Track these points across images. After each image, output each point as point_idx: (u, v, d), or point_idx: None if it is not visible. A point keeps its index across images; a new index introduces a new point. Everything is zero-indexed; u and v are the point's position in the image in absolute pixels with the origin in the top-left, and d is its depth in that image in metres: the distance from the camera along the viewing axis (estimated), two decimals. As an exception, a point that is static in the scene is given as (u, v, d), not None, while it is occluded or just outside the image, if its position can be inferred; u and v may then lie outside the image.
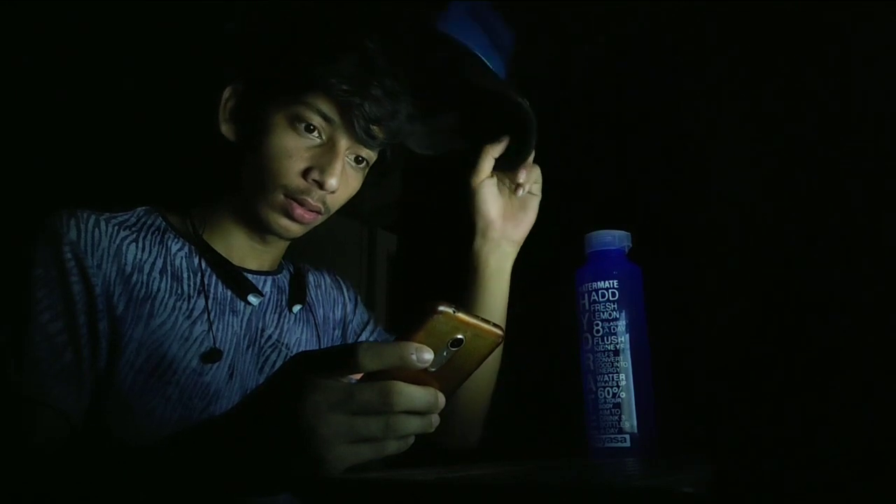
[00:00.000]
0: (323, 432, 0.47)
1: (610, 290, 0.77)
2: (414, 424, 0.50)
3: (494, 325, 0.50)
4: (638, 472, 0.54)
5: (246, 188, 0.84)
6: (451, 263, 1.68)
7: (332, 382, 0.48)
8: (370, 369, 0.48)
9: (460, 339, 0.49)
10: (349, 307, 1.03)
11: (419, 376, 0.49)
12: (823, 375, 0.32)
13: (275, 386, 0.52)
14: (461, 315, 0.48)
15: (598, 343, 0.77)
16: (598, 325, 0.77)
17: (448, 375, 0.51)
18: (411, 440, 0.52)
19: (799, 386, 0.32)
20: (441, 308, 0.47)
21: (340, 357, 0.49)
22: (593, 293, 0.78)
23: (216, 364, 0.80)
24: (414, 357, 0.48)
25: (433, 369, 0.49)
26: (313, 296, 1.00)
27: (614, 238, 0.81)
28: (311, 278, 1.00)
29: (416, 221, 1.83)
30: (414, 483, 0.57)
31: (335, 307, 1.02)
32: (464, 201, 0.95)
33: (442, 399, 0.51)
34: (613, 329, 0.76)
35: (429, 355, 0.48)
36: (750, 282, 0.76)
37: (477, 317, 0.49)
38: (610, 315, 0.77)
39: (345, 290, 1.05)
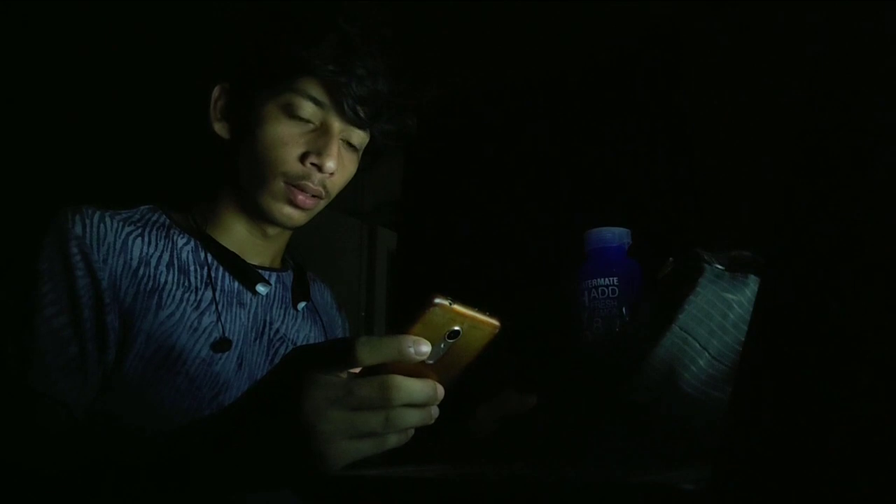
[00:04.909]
0: (323, 429, 0.47)
1: (610, 287, 0.77)
2: (414, 417, 0.50)
3: (491, 315, 0.50)
4: (638, 468, 0.54)
5: (245, 181, 0.85)
6: (450, 261, 1.69)
7: (331, 378, 0.48)
8: (368, 363, 0.48)
9: (457, 330, 0.49)
10: (340, 333, 1.04)
11: (417, 369, 0.49)
12: (823, 373, 0.32)
13: (274, 382, 0.52)
14: (457, 307, 0.48)
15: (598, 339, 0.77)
16: (598, 321, 0.77)
17: (446, 367, 0.51)
18: (411, 432, 0.52)
19: (798, 384, 0.32)
20: (437, 300, 0.47)
21: (338, 352, 0.48)
22: (594, 290, 0.78)
23: (226, 354, 0.81)
24: (412, 350, 0.48)
25: (431, 361, 0.49)
26: (318, 302, 1.00)
27: (614, 235, 0.81)
28: (314, 286, 1.01)
29: (416, 219, 1.83)
30: (414, 480, 0.57)
31: (334, 326, 1.03)
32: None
33: (441, 391, 0.51)
34: (613, 325, 0.76)
35: (426, 348, 0.48)
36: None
37: (473, 308, 0.49)
38: (610, 311, 0.77)
39: (340, 317, 1.06)
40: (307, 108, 0.82)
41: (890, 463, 0.29)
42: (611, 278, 0.78)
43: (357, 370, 0.49)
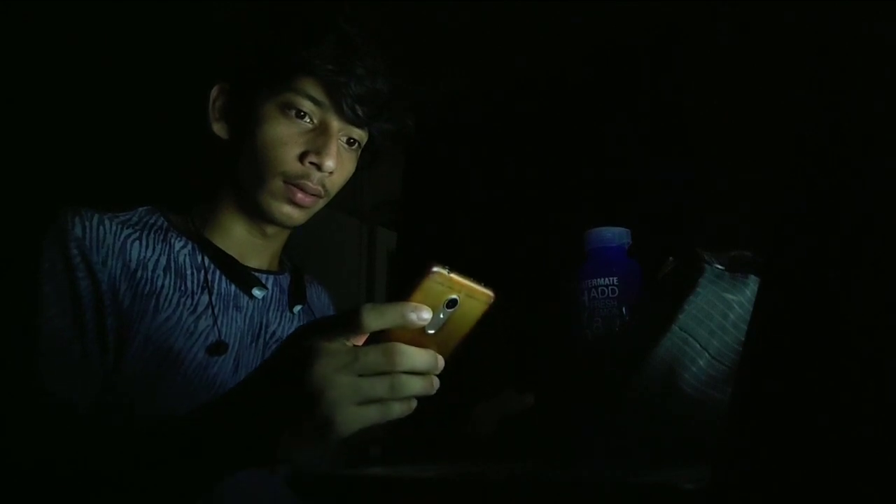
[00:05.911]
0: (330, 395, 0.48)
1: (610, 287, 0.77)
2: (417, 385, 0.52)
3: (486, 286, 0.52)
4: (638, 468, 0.54)
5: (244, 181, 0.85)
6: (450, 261, 1.69)
7: (338, 346, 0.50)
8: (373, 328, 0.50)
9: (455, 299, 0.51)
10: None
11: (418, 339, 0.51)
12: (823, 374, 0.32)
13: (282, 354, 0.53)
14: (455, 275, 0.50)
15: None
16: (597, 321, 0.77)
17: (445, 338, 0.53)
18: (414, 403, 0.53)
19: (798, 384, 0.32)
20: (435, 268, 0.49)
21: (344, 319, 0.50)
22: (594, 290, 0.78)
23: (222, 357, 0.82)
24: (414, 316, 0.50)
25: (431, 331, 0.51)
26: (314, 304, 1.00)
27: (614, 235, 0.81)
28: (311, 289, 1.01)
29: (416, 219, 1.83)
30: (414, 480, 0.57)
31: None
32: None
33: (441, 361, 0.53)
34: (613, 325, 0.76)
35: (427, 314, 0.50)
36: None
37: (469, 278, 0.51)
38: (610, 311, 0.77)
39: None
40: (306, 108, 0.82)
41: (890, 463, 0.29)
42: (611, 278, 0.78)
43: (360, 343, 0.51)
